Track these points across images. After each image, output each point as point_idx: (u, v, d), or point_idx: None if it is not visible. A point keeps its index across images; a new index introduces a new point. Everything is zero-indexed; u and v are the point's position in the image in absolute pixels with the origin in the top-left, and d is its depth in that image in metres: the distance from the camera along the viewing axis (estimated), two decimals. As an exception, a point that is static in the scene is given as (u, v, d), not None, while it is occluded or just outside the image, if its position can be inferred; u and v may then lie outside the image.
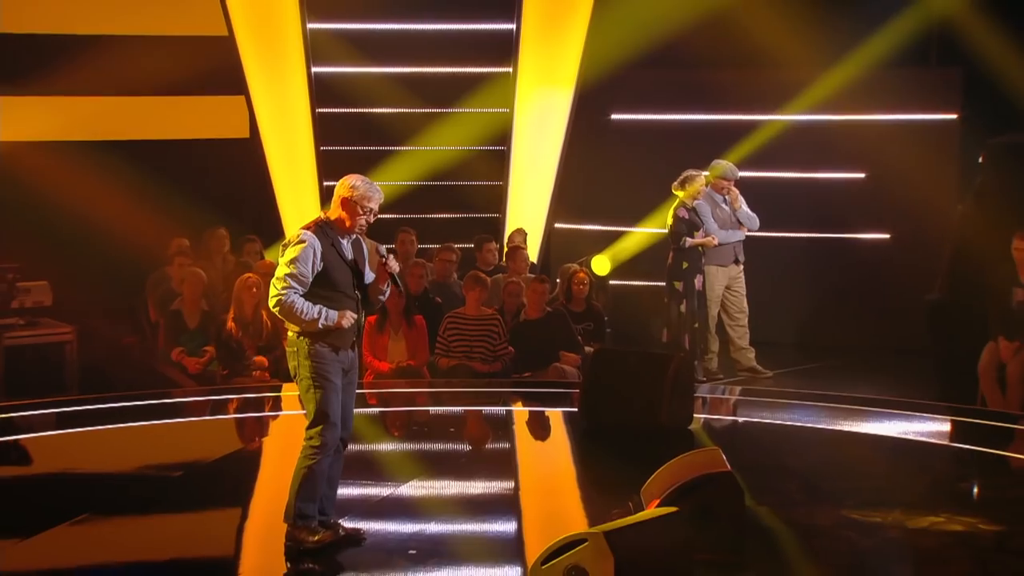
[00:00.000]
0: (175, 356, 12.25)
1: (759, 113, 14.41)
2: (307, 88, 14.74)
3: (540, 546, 7.28)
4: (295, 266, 7.45)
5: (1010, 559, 8.03)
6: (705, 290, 12.92)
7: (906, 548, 8.35)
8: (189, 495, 9.39)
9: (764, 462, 9.94)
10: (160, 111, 14.71)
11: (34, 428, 11.04)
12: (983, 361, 11.71)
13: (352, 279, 7.71)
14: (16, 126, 13.97)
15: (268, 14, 14.50)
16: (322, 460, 7.64)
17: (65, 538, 8.27)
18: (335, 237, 7.59)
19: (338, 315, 7.56)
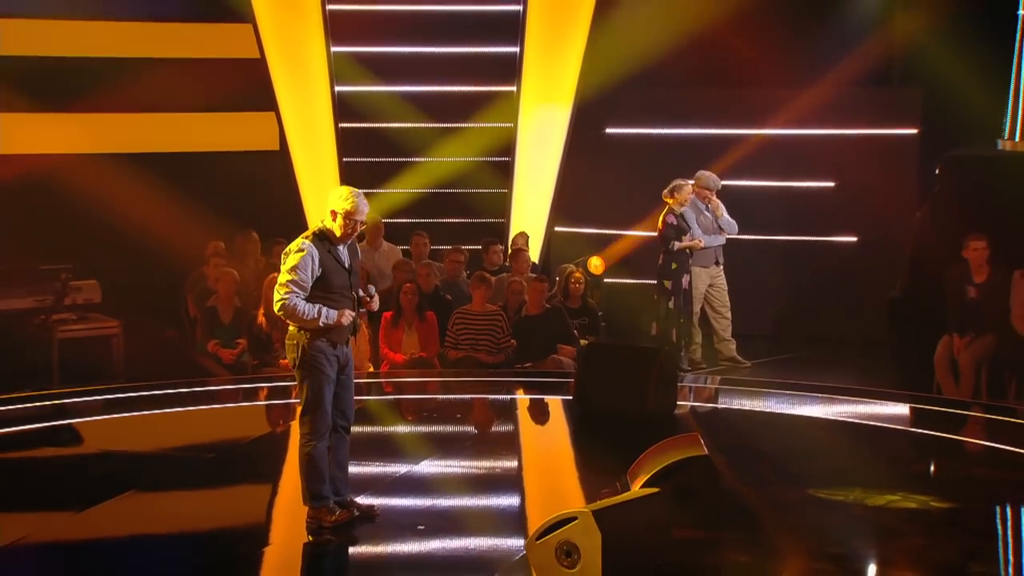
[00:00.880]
0: (211, 348, 12.25)
1: (739, 128, 14.37)
2: (331, 105, 14.77)
3: (541, 519, 7.25)
4: (295, 273, 7.50)
5: (959, 533, 8.04)
6: (690, 289, 12.86)
7: (865, 523, 8.33)
8: (223, 474, 9.43)
9: (740, 445, 9.90)
10: (199, 126, 14.69)
11: (84, 412, 11.05)
12: (938, 353, 11.71)
13: (348, 281, 7.74)
14: (69, 140, 13.94)
15: (296, 39, 14.52)
16: (318, 444, 7.69)
17: (113, 511, 8.34)
18: (330, 244, 7.64)
19: (337, 314, 7.60)
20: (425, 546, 7.83)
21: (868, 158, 13.87)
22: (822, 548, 7.77)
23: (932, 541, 7.96)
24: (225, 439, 10.58)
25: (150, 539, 8.05)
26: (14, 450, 10.06)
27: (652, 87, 14.61)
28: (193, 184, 14.08)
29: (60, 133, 13.96)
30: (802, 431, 10.52)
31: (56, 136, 13.93)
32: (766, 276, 14.09)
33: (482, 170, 15.08)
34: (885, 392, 11.70)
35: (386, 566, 7.59)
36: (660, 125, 14.81)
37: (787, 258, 14.33)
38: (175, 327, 13.26)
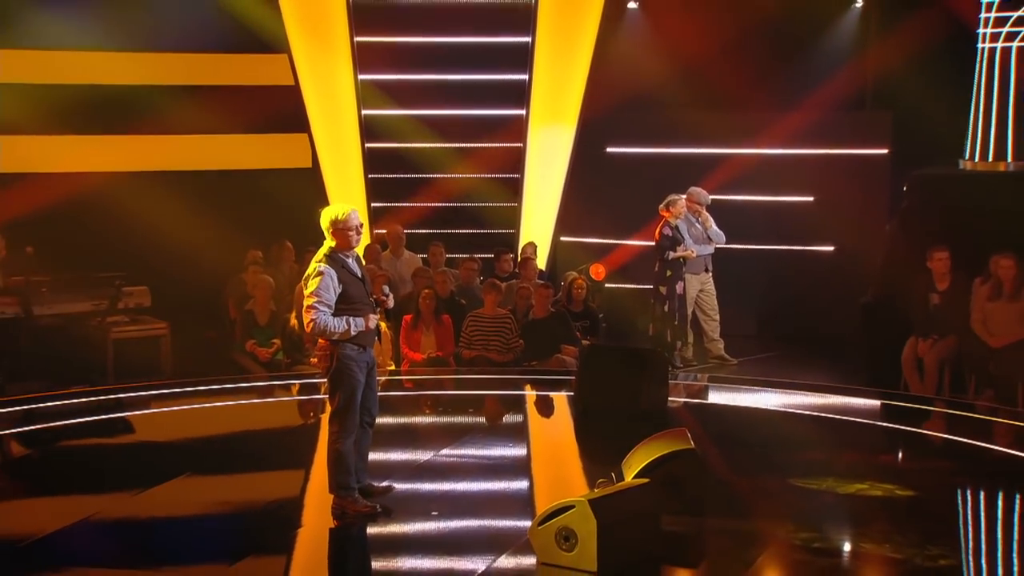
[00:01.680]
0: (249, 347, 12.29)
1: (727, 147, 14.33)
2: (358, 127, 14.77)
3: (547, 503, 7.31)
4: (319, 294, 7.54)
5: (920, 519, 8.05)
6: (683, 294, 12.83)
7: (837, 509, 8.36)
8: (260, 462, 9.47)
9: (726, 436, 9.90)
10: (239, 146, 14.70)
11: (138, 406, 11.09)
12: (905, 353, 11.71)
13: (364, 290, 7.78)
14: (121, 160, 13.96)
15: (326, 68, 14.52)
16: (346, 441, 7.74)
17: (170, 491, 8.48)
18: (343, 260, 7.67)
19: (363, 320, 7.65)
20: (440, 528, 7.85)
21: (843, 175, 13.85)
22: (798, 533, 7.73)
23: (897, 526, 7.95)
24: (261, 430, 10.62)
25: (199, 518, 8.14)
26: (77, 439, 10.11)
27: (648, 110, 14.58)
28: (233, 198, 14.14)
29: (113, 153, 13.98)
30: (782, 424, 10.48)
31: (109, 156, 13.95)
32: (751, 282, 14.03)
33: (494, 185, 15.08)
34: (857, 388, 11.68)
35: (404, 546, 7.59)
36: (656, 145, 14.77)
37: (770, 266, 14.26)
38: (217, 328, 13.30)
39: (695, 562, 7.39)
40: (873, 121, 14.19)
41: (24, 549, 7.40)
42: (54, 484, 8.80)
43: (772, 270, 14.25)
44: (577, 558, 6.75)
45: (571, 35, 14.52)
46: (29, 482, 9.01)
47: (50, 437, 10.12)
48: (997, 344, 11.26)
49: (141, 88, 14.14)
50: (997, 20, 12.36)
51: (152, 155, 14.20)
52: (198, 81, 14.47)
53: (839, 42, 14.40)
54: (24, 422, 10.45)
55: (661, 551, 7.25)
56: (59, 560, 7.31)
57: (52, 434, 10.19)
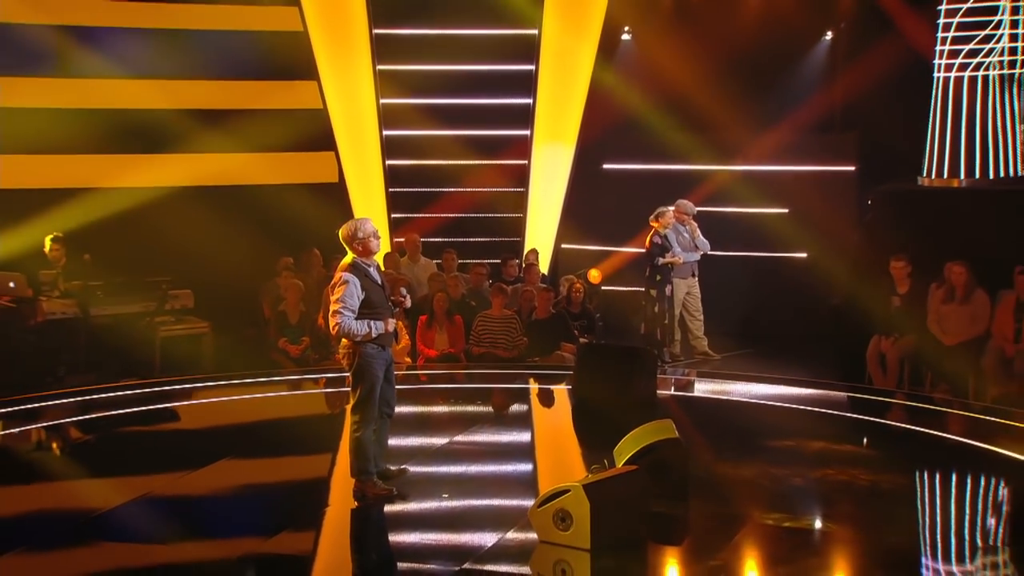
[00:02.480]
0: (281, 344, 12.29)
1: (711, 164, 14.29)
2: (380, 146, 14.70)
3: (548, 485, 7.35)
4: (344, 301, 7.63)
5: (878, 501, 8.12)
6: (672, 296, 12.81)
7: (806, 492, 8.41)
8: (291, 447, 9.51)
9: (708, 426, 9.88)
10: (273, 163, 14.62)
11: (183, 397, 11.11)
12: (870, 350, 11.72)
13: (384, 295, 7.85)
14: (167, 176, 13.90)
15: (352, 93, 14.45)
16: (365, 431, 7.80)
17: (213, 473, 8.62)
18: (365, 269, 7.75)
19: (383, 323, 7.73)
20: (451, 507, 7.92)
21: (814, 190, 13.79)
22: (772, 513, 7.80)
23: (857, 507, 8.03)
24: (292, 418, 10.60)
25: (239, 497, 8.31)
26: (130, 426, 10.16)
27: (640, 131, 14.45)
28: (267, 210, 14.06)
29: (161, 171, 13.92)
30: (759, 414, 10.46)
31: (158, 173, 13.90)
32: (732, 285, 13.93)
33: (501, 198, 15.02)
34: (826, 382, 11.70)
35: (419, 524, 7.67)
36: (647, 162, 14.68)
37: (749, 271, 14.21)
38: (253, 327, 13.25)
39: (679, 540, 7.43)
40: (841, 141, 14.14)
41: (90, 523, 7.53)
42: (112, 466, 8.86)
43: (751, 275, 14.19)
44: (572, 537, 6.81)
45: (571, 64, 14.48)
46: (90, 464, 9.06)
47: (107, 424, 10.18)
48: (950, 342, 11.28)
49: (187, 112, 14.10)
50: (951, 52, 12.31)
51: (195, 172, 14.14)
52: (237, 106, 14.40)
53: (810, 71, 14.37)
54: (83, 411, 10.53)
55: (648, 531, 7.31)
56: (120, 533, 7.44)
57: (108, 422, 10.23)
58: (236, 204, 14.03)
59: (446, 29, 14.41)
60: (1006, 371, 10.94)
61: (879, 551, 7.15)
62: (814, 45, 14.49)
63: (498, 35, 14.48)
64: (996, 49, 12.21)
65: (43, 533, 7.41)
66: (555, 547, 6.88)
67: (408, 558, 7.24)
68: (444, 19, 14.36)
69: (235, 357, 12.20)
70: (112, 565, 6.97)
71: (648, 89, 14.30)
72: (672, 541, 7.42)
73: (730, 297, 13.81)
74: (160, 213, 13.47)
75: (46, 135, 13.54)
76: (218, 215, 13.52)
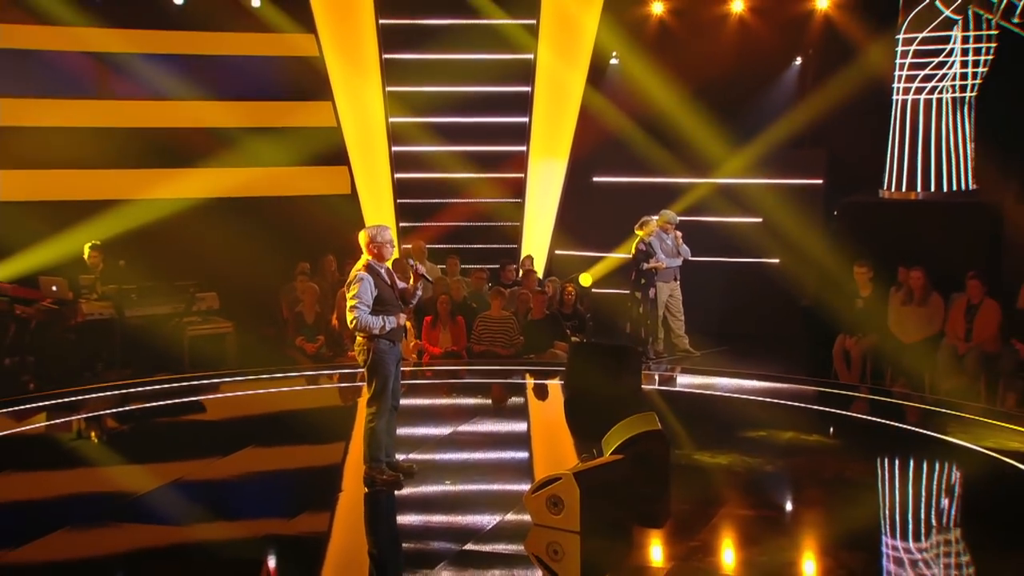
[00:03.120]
0: (298, 343, 12.30)
1: (691, 178, 14.23)
2: (389, 161, 14.70)
3: (543, 472, 7.47)
4: (359, 297, 7.65)
5: (843, 486, 8.15)
6: (655, 298, 12.84)
7: (777, 478, 8.44)
8: (308, 436, 9.54)
9: (689, 418, 9.87)
10: (291, 177, 14.65)
11: (209, 390, 11.13)
12: (835, 348, 11.73)
13: (395, 294, 7.84)
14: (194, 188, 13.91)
15: (364, 112, 14.47)
16: (379, 421, 7.81)
17: (239, 460, 8.69)
18: (378, 270, 7.76)
19: (396, 319, 7.75)
20: (455, 491, 7.95)
21: (786, 201, 13.73)
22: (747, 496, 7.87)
23: (824, 492, 8.07)
24: (309, 409, 10.63)
25: (263, 481, 8.36)
26: (162, 416, 10.21)
27: (627, 147, 14.46)
28: (285, 220, 14.10)
29: (188, 183, 13.93)
30: (735, 406, 10.47)
31: (186, 185, 13.91)
32: (711, 288, 13.90)
33: (500, 208, 15.02)
34: (796, 376, 11.68)
35: (425, 506, 7.71)
36: (633, 175, 14.66)
37: (726, 275, 14.17)
38: (272, 327, 13.24)
39: (661, 523, 7.43)
40: (810, 157, 14.12)
41: (128, 505, 7.60)
42: (147, 453, 8.91)
43: (728, 279, 14.15)
44: (564, 520, 6.85)
45: (563, 86, 14.49)
46: (126, 452, 9.12)
47: (141, 415, 10.23)
48: (908, 341, 11.30)
49: (213, 130, 14.13)
50: (908, 77, 12.31)
51: (220, 185, 14.15)
52: (259, 124, 14.42)
53: (782, 93, 14.36)
54: (119, 403, 10.56)
55: (634, 514, 7.35)
56: (157, 513, 7.52)
57: (142, 413, 10.29)
58: (257, 214, 14.04)
59: (449, 54, 14.41)
60: (958, 367, 10.96)
61: (843, 532, 7.18)
62: (785, 70, 14.49)
63: (497, 60, 14.48)
64: (948, 74, 12.20)
65: (87, 513, 7.46)
66: (548, 529, 6.91)
67: (415, 538, 7.30)
68: (448, 45, 14.34)
69: (256, 354, 12.22)
70: (149, 543, 7.02)
71: (633, 109, 14.31)
72: (655, 524, 7.43)
73: (709, 299, 13.77)
74: (188, 222, 13.49)
75: (85, 152, 13.57)
76: (241, 224, 13.53)
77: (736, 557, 6.90)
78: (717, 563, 6.75)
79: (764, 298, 13.86)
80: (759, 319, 13.84)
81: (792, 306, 13.17)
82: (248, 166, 14.38)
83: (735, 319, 14.01)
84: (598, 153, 14.68)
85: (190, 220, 13.51)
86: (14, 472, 8.47)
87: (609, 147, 14.57)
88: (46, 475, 8.50)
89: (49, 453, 9.14)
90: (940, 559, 7.08)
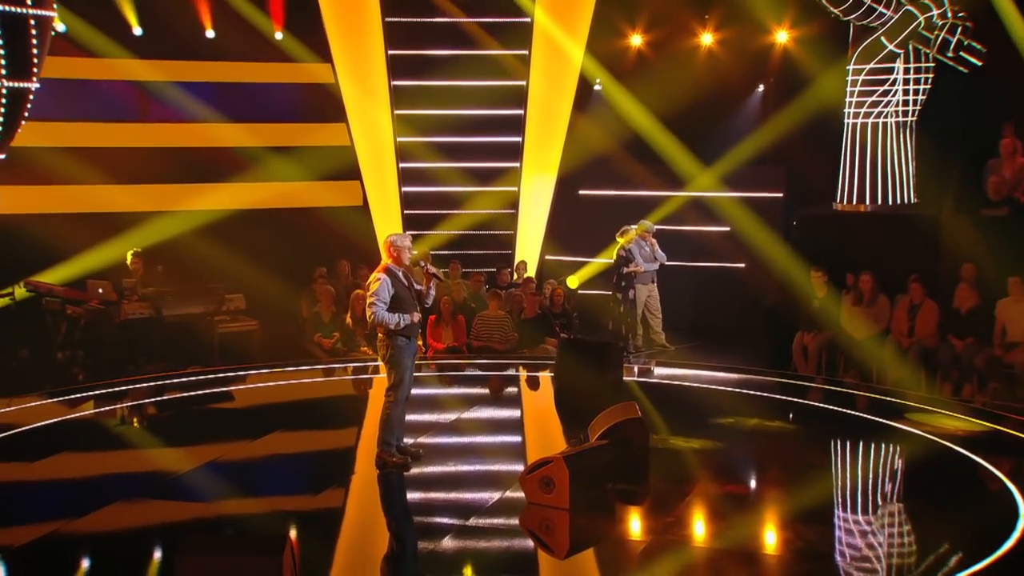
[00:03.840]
0: (316, 339, 12.25)
1: (667, 191, 14.20)
2: (396, 176, 14.66)
3: (536, 454, 7.51)
4: (377, 295, 7.66)
5: (802, 466, 8.21)
6: (635, 299, 12.82)
7: (743, 460, 8.53)
8: (327, 422, 9.65)
9: (665, 406, 9.86)
10: (309, 190, 14.53)
11: (238, 381, 11.13)
12: (795, 343, 11.76)
13: (412, 295, 7.83)
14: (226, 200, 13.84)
15: (374, 132, 14.41)
16: (395, 410, 7.80)
17: (268, 442, 8.76)
18: (396, 272, 7.77)
19: (410, 316, 7.71)
20: (455, 471, 8.01)
21: (750, 212, 13.75)
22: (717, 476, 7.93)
23: (784, 471, 8.16)
24: (326, 398, 10.68)
25: (290, 461, 8.47)
26: (197, 404, 10.23)
27: (609, 164, 14.45)
28: (304, 229, 14.05)
29: (218, 196, 13.86)
30: (706, 395, 10.48)
31: (215, 198, 13.84)
32: (684, 290, 13.85)
33: (496, 218, 14.97)
34: (759, 368, 11.72)
35: (431, 484, 7.73)
36: (615, 189, 14.65)
37: (698, 278, 14.15)
38: (293, 325, 13.12)
39: (641, 500, 7.49)
40: (771, 173, 14.12)
41: (171, 482, 7.67)
42: (184, 437, 8.95)
43: (699, 281, 14.13)
44: (555, 498, 6.90)
45: (553, 109, 14.48)
46: (166, 435, 9.15)
47: (178, 403, 10.26)
48: (859, 337, 11.36)
49: (241, 149, 14.11)
50: (857, 103, 12.36)
51: (246, 197, 14.09)
52: (281, 143, 14.38)
53: (746, 116, 14.37)
54: (158, 393, 10.59)
55: (617, 493, 7.41)
56: (196, 490, 7.61)
57: (180, 401, 10.32)
58: (279, 224, 14.01)
59: (451, 81, 14.40)
60: (901, 360, 11.05)
61: (801, 507, 7.26)
62: (749, 96, 14.50)
63: (493, 86, 14.47)
64: (892, 101, 12.26)
65: (134, 490, 7.53)
66: (540, 507, 6.95)
67: (424, 513, 7.37)
68: (449, 73, 14.33)
69: (279, 349, 12.22)
70: (189, 516, 7.11)
71: (615, 130, 14.28)
72: (636, 501, 7.48)
73: (682, 299, 13.74)
74: (218, 232, 13.44)
75: (127, 170, 13.55)
76: (264, 233, 13.52)
77: (707, 530, 6.95)
78: (690, 536, 6.81)
79: (731, 299, 13.85)
80: (726, 317, 13.81)
81: (756, 306, 13.18)
82: (271, 181, 14.35)
83: (705, 317, 13.97)
84: (583, 169, 14.62)
85: (220, 230, 13.47)
86: (70, 453, 8.54)
87: (593, 164, 14.51)
88: (97, 456, 8.58)
89: (98, 437, 9.19)
90: (885, 529, 7.15)
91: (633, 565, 6.31)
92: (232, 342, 12.17)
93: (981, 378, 10.62)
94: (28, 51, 4.26)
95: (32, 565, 6.30)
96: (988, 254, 11.06)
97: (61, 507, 7.17)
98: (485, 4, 14.15)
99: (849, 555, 6.63)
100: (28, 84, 4.37)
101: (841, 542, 6.87)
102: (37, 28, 4.27)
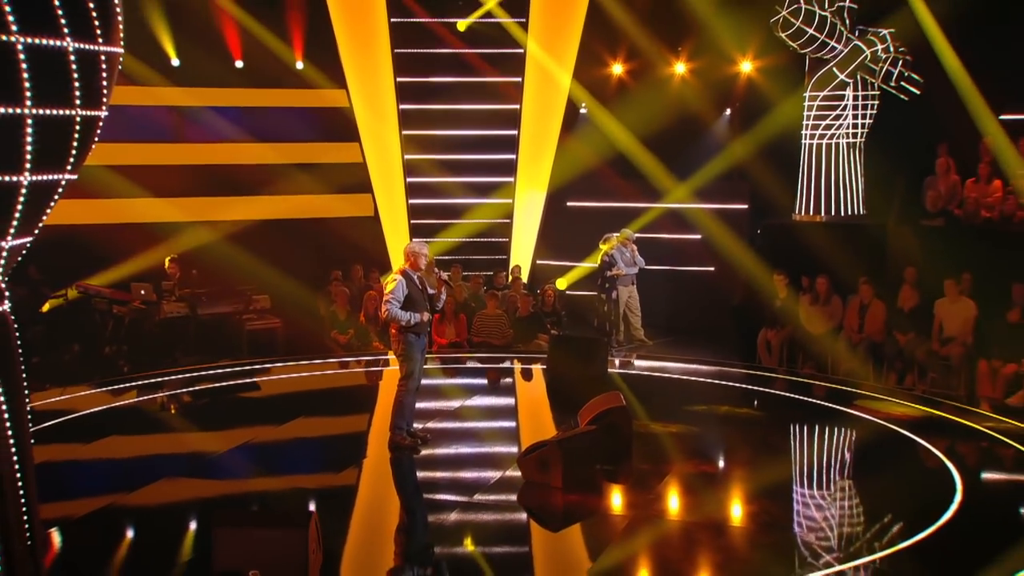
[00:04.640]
0: (333, 335, 12.22)
1: (646, 203, 14.16)
2: (404, 189, 14.63)
3: (530, 438, 7.52)
4: (393, 294, 7.67)
5: (765, 449, 8.29)
6: (617, 299, 12.81)
7: (715, 443, 8.58)
8: (343, 408, 9.70)
9: (646, 395, 9.82)
10: (326, 202, 14.46)
11: (264, 373, 11.14)
12: (759, 338, 11.78)
13: (424, 297, 7.84)
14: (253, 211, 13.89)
15: (384, 151, 14.38)
16: (406, 397, 7.82)
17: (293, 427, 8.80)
18: (412, 276, 7.79)
19: (420, 315, 7.71)
20: (458, 452, 8.05)
21: (719, 222, 13.75)
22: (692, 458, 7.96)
23: (752, 452, 8.21)
24: (342, 387, 10.67)
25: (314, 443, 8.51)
26: (230, 392, 10.24)
27: (594, 178, 14.43)
28: (321, 236, 14.01)
29: (246, 208, 13.90)
30: (680, 387, 10.48)
31: (244, 209, 13.87)
32: (661, 291, 13.75)
33: (494, 227, 14.92)
34: (728, 361, 11.70)
35: (438, 465, 7.79)
36: (599, 201, 14.62)
37: (673, 281, 14.11)
38: (312, 322, 12.91)
39: (626, 479, 7.47)
40: (738, 187, 14.08)
41: (210, 462, 7.73)
42: (218, 422, 8.99)
43: (674, 283, 14.10)
44: (549, 478, 6.96)
45: (544, 129, 14.46)
46: (202, 421, 9.19)
47: (212, 392, 10.26)
48: (815, 333, 11.39)
49: (265, 166, 14.14)
50: (813, 126, 12.42)
51: (270, 209, 14.10)
52: (301, 160, 14.37)
53: (715, 136, 14.36)
54: (193, 383, 10.60)
55: (604, 473, 7.45)
56: (232, 469, 7.65)
57: (213, 391, 10.32)
58: (299, 232, 13.99)
59: (453, 105, 14.41)
60: (853, 353, 11.11)
61: (765, 484, 7.34)
62: (717, 119, 14.50)
63: (491, 109, 14.46)
64: (844, 124, 12.33)
65: (177, 468, 7.58)
66: (536, 485, 7.01)
67: (432, 490, 7.43)
68: (451, 98, 14.34)
69: (300, 344, 12.20)
70: (226, 492, 7.16)
71: (599, 149, 14.27)
72: (621, 480, 7.49)
73: (659, 299, 13.70)
74: (246, 239, 13.44)
75: (165, 184, 13.56)
76: (287, 240, 13.49)
77: (682, 505, 7.01)
78: (668, 510, 6.88)
79: (702, 299, 13.80)
80: (699, 315, 13.74)
81: (724, 305, 13.16)
82: (292, 194, 14.31)
83: (679, 315, 13.93)
84: (571, 183, 14.60)
85: (247, 238, 13.45)
86: (117, 436, 8.57)
87: (580, 179, 14.47)
88: (141, 439, 8.60)
89: (141, 421, 9.22)
90: (838, 502, 7.24)
91: (617, 536, 6.33)
92: (258, 338, 12.17)
93: (921, 369, 10.70)
94: (99, 83, 4.35)
95: (91, 534, 6.37)
96: (927, 259, 11.13)
97: (113, 483, 7.24)
98: (483, 37, 14.16)
99: (806, 525, 6.70)
100: (98, 112, 4.46)
101: (799, 514, 6.94)
102: (107, 63, 4.36)
